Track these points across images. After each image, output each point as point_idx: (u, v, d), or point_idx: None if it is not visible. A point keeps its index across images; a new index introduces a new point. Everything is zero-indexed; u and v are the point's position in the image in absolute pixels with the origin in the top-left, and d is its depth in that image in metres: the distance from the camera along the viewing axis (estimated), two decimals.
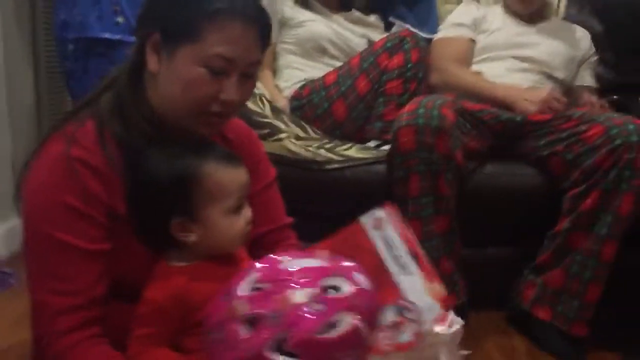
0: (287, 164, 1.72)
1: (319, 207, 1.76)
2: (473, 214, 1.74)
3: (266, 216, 1.04)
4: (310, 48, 2.11)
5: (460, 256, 1.73)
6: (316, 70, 2.08)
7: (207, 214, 0.94)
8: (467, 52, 2.07)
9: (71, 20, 1.94)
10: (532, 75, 2.00)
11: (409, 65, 1.95)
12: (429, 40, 2.14)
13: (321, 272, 0.80)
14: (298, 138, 1.84)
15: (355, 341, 0.79)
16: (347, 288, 0.80)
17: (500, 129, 1.78)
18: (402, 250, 0.87)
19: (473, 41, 2.09)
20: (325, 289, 0.79)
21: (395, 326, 0.85)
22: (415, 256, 0.87)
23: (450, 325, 0.88)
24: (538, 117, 1.79)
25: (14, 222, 2.29)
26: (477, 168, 1.78)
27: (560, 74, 2.03)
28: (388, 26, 2.29)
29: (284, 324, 0.75)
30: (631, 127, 1.59)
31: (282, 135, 1.80)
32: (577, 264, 1.63)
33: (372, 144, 1.94)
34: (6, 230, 2.22)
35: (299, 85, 2.05)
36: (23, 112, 2.26)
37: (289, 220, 1.21)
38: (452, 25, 2.13)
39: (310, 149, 1.80)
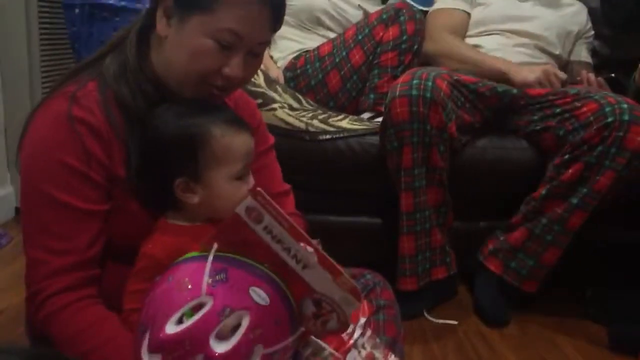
0: (280, 134, 1.71)
1: (312, 178, 1.76)
2: (465, 187, 1.75)
3: (264, 182, 1.03)
4: (305, 19, 2.09)
5: (450, 228, 1.75)
6: (311, 41, 2.07)
7: (211, 177, 0.94)
8: (463, 25, 2.05)
9: None
10: (528, 50, 2.00)
11: (404, 37, 1.95)
12: (426, 13, 2.13)
13: (211, 321, 0.76)
14: (291, 108, 1.83)
15: None
16: (245, 321, 0.77)
17: (495, 101, 1.78)
18: (290, 240, 0.81)
19: (468, 14, 2.08)
20: (220, 334, 0.76)
21: (318, 317, 0.84)
22: (304, 245, 0.81)
23: None
24: (535, 92, 1.78)
25: (7, 190, 2.29)
26: (470, 141, 1.78)
27: (555, 49, 2.03)
28: None
29: None
30: (625, 105, 1.59)
31: (276, 105, 1.80)
32: (542, 226, 1.67)
33: (365, 115, 1.94)
34: None
35: (293, 55, 2.04)
36: (15, 79, 2.24)
37: (287, 186, 1.20)
38: None
39: (304, 119, 1.80)
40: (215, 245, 0.82)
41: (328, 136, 1.79)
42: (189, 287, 0.78)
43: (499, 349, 1.58)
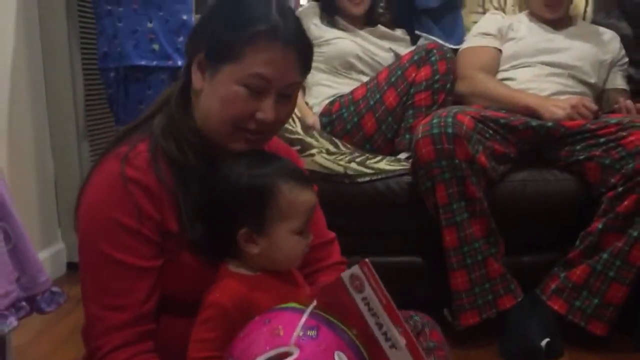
0: (319, 178, 1.75)
1: (353, 221, 1.77)
2: (506, 222, 1.73)
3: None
4: (338, 65, 2.14)
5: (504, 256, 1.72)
6: (344, 86, 2.11)
7: (274, 230, 0.97)
8: (494, 61, 2.07)
9: (111, 51, 2.06)
10: (562, 80, 2.00)
11: (437, 77, 1.97)
12: (456, 51, 2.15)
13: None
14: (329, 153, 1.86)
15: None
16: None
17: (530, 135, 1.78)
18: (384, 317, 0.84)
19: (499, 50, 2.09)
20: None
21: None
22: (398, 326, 0.84)
23: None
24: (571, 124, 1.78)
25: (59, 246, 2.37)
26: (508, 174, 1.78)
27: (590, 78, 2.02)
28: (414, 39, 2.31)
29: None
30: None
31: (314, 151, 1.83)
32: (603, 262, 1.63)
33: (402, 156, 1.95)
34: (51, 255, 2.29)
35: (328, 101, 2.08)
36: (64, 138, 2.35)
37: (332, 235, 1.22)
38: (478, 35, 2.14)
39: (342, 163, 1.82)
40: (315, 303, 0.86)
41: (367, 178, 1.81)
42: (281, 334, 0.82)
43: None
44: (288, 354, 0.80)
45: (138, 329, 0.95)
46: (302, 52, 1.00)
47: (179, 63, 2.15)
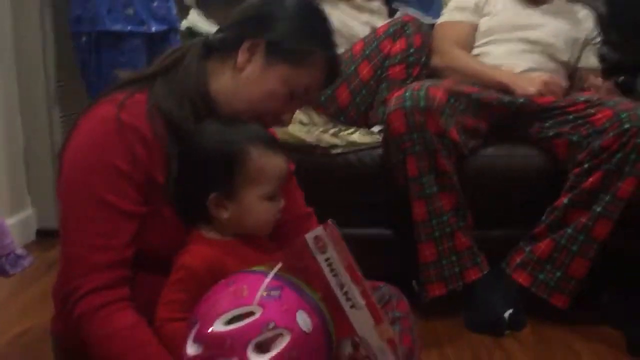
0: (291, 149, 1.74)
1: (324, 192, 1.76)
2: (475, 196, 1.75)
3: (287, 205, 1.07)
4: None
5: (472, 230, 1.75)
6: None
7: (244, 195, 0.98)
8: (469, 36, 2.07)
9: (84, 15, 2.02)
10: (536, 57, 2.00)
11: (412, 50, 1.97)
12: (432, 26, 2.15)
13: (254, 330, 0.80)
14: (302, 123, 1.86)
15: None
16: (285, 340, 0.80)
17: (502, 111, 1.80)
18: (346, 278, 0.86)
19: (475, 26, 2.10)
20: (259, 345, 0.79)
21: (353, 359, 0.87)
22: (358, 286, 0.86)
23: None
24: (541, 100, 1.80)
25: (28, 213, 2.35)
26: (478, 149, 1.80)
27: (563, 56, 2.04)
28: (392, 12, 2.30)
29: None
30: None
31: None
32: (567, 237, 1.67)
33: (375, 128, 1.96)
34: (20, 221, 2.28)
35: None
36: (34, 105, 2.32)
37: (309, 209, 1.24)
38: (454, 9, 2.13)
39: (315, 134, 1.83)
40: (280, 265, 0.87)
41: (339, 150, 1.82)
42: (245, 294, 0.83)
43: (514, 356, 1.58)
44: (251, 314, 0.81)
45: (118, 273, 0.95)
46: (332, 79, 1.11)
47: (153, 29, 2.12)
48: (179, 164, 0.99)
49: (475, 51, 2.07)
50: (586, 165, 1.65)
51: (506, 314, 1.69)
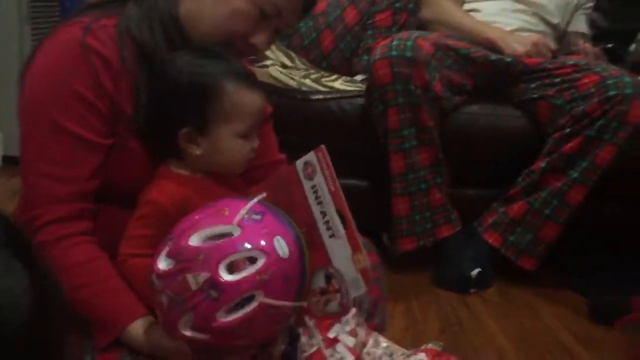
0: (272, 92, 1.71)
1: (301, 138, 1.73)
2: (455, 154, 1.74)
3: (260, 149, 1.04)
4: None
5: (448, 187, 1.74)
6: None
7: (217, 131, 0.93)
8: None
9: None
10: (527, 17, 1.97)
11: None
12: None
13: (230, 248, 0.78)
14: (284, 66, 1.82)
15: (264, 318, 0.79)
16: (258, 263, 0.78)
17: (488, 68, 1.77)
18: (330, 206, 0.83)
19: None
20: (231, 265, 0.78)
21: (324, 293, 0.86)
22: (342, 215, 0.83)
23: None
24: (529, 61, 1.77)
25: None
26: (462, 105, 1.77)
27: (554, 19, 2.01)
28: None
29: (186, 307, 0.77)
30: (627, 79, 1.59)
31: (268, 62, 1.78)
32: (541, 200, 1.67)
33: (358, 77, 1.92)
34: None
35: None
36: (6, 24, 2.24)
37: (282, 156, 1.20)
38: None
39: (296, 78, 1.78)
40: (264, 194, 0.85)
41: (320, 96, 1.78)
42: (226, 214, 0.82)
43: (479, 314, 1.60)
44: (229, 234, 0.79)
45: (80, 206, 0.92)
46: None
47: None
48: (149, 95, 0.95)
49: (466, 7, 2.03)
50: (567, 130, 1.63)
51: (474, 273, 1.69)
